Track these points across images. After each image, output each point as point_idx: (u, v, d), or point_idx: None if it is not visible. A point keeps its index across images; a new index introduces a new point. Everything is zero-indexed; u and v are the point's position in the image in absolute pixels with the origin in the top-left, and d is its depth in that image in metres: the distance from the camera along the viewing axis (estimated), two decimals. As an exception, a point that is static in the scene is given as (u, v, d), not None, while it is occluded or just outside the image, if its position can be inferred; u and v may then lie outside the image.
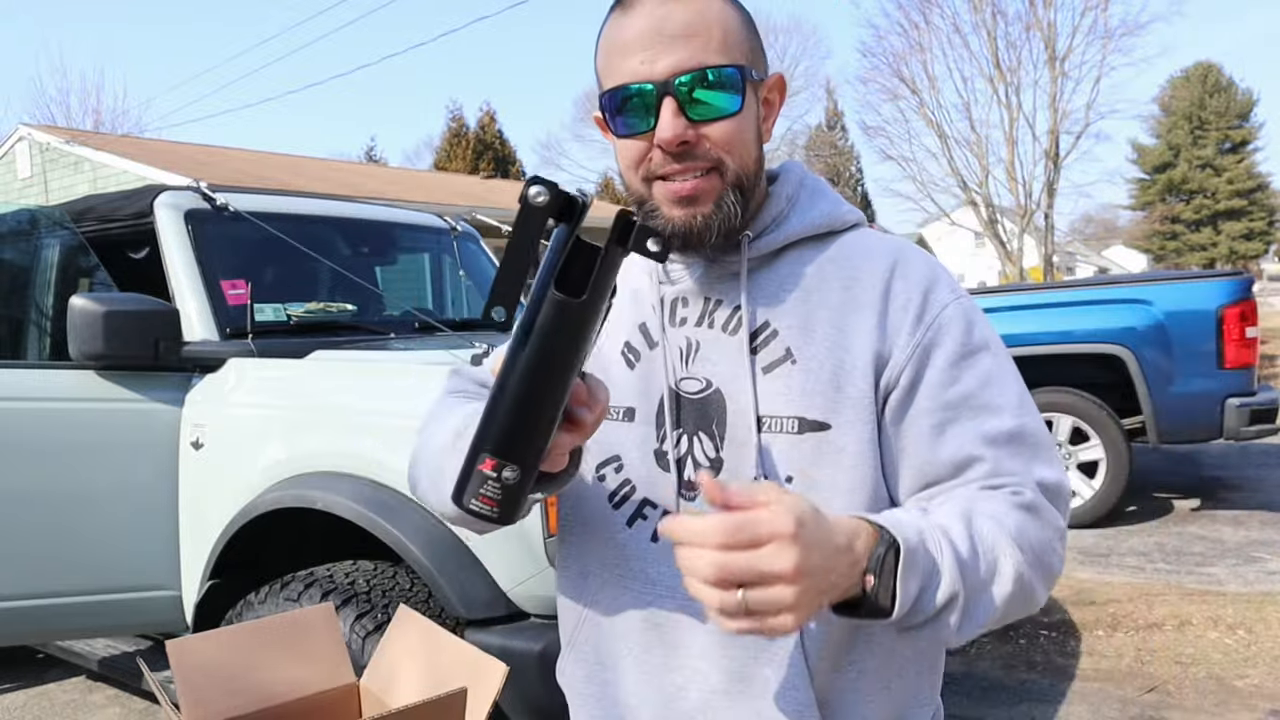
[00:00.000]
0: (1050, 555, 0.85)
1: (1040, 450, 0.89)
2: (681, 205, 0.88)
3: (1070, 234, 39.79)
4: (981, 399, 0.88)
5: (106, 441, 2.51)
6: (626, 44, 0.87)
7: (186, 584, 2.54)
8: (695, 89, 0.85)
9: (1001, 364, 0.90)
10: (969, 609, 0.78)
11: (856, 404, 0.88)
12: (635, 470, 0.95)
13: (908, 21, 22.37)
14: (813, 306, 0.91)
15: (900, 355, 0.88)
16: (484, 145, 31.50)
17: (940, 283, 0.92)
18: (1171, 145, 45.96)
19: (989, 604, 0.80)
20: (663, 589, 0.92)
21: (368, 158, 34.86)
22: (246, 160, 15.64)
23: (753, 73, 0.89)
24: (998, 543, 0.81)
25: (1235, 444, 7.19)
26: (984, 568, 0.79)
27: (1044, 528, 0.85)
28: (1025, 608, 0.85)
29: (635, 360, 0.97)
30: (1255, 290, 5.62)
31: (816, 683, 0.88)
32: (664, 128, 0.85)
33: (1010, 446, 0.87)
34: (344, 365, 2.43)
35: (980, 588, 0.79)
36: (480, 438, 0.70)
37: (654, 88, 0.85)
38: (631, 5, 0.88)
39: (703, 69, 0.85)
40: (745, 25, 0.90)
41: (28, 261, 3.18)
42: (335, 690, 1.24)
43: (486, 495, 0.71)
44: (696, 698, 0.91)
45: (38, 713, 3.34)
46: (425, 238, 3.66)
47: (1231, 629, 3.67)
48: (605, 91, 0.89)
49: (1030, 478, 0.87)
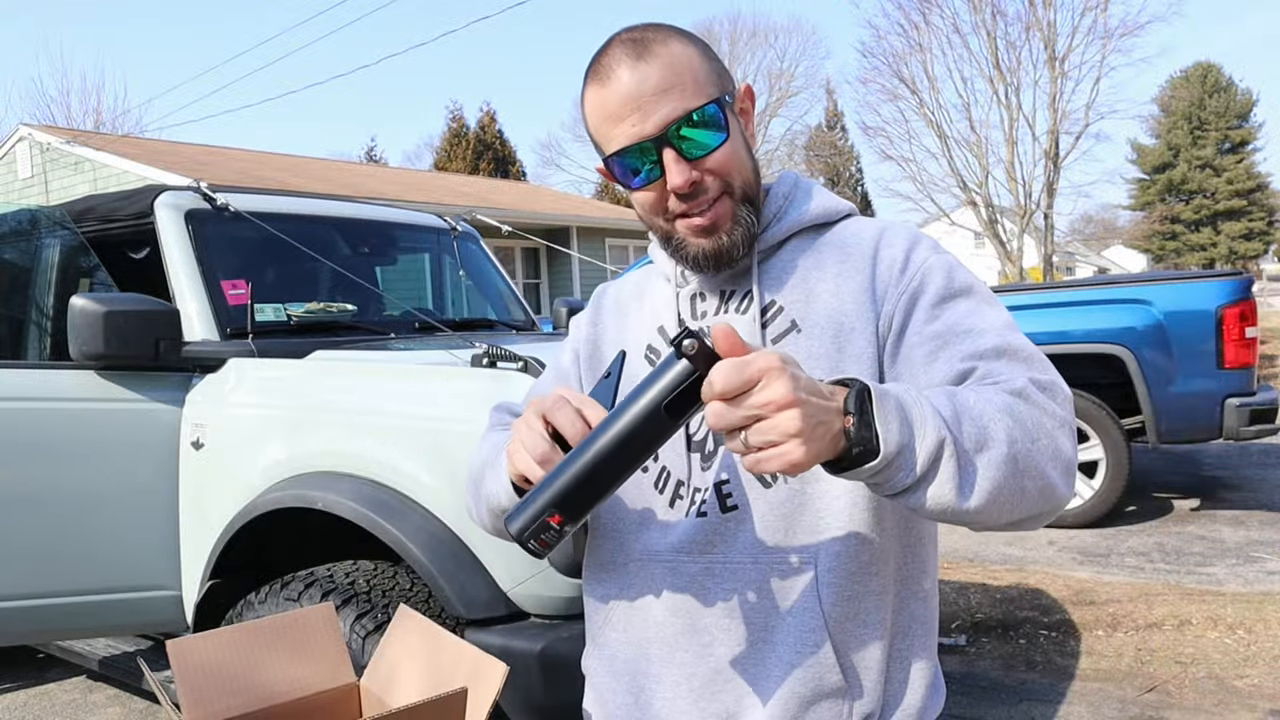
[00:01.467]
0: (1051, 437, 0.85)
1: (1032, 360, 0.92)
2: (704, 235, 1.00)
3: (1070, 234, 39.78)
4: (965, 325, 0.94)
5: (107, 441, 2.51)
6: (614, 112, 0.96)
7: (187, 584, 2.54)
8: (684, 128, 0.95)
9: (984, 301, 0.98)
10: (964, 467, 0.79)
11: (859, 359, 0.97)
12: (668, 457, 1.04)
13: (907, 22, 22.42)
14: (812, 283, 1.02)
15: (888, 306, 0.98)
16: (484, 145, 31.50)
17: (921, 243, 1.02)
18: (1171, 145, 45.98)
19: (984, 470, 0.80)
20: (684, 556, 1.00)
21: (368, 158, 34.85)
22: (247, 160, 15.65)
23: (726, 99, 1.00)
24: (984, 411, 0.82)
25: (1235, 444, 7.20)
26: (970, 428, 0.80)
27: (1038, 412, 0.85)
28: (1039, 489, 0.84)
29: (657, 359, 1.07)
30: (1255, 290, 5.63)
31: (832, 632, 0.96)
32: (674, 176, 0.96)
33: (1000, 359, 0.91)
34: (344, 365, 2.43)
35: (971, 447, 0.80)
36: (556, 497, 0.80)
37: (652, 144, 0.96)
38: (607, 77, 0.97)
39: (688, 113, 0.95)
40: (705, 56, 1.00)
41: (28, 261, 3.18)
42: (335, 690, 1.24)
43: (545, 540, 0.82)
44: (720, 654, 0.98)
45: (38, 712, 3.34)
46: (425, 238, 3.66)
47: (1231, 629, 3.68)
48: (609, 156, 0.99)
49: (1021, 377, 0.88)
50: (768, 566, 0.97)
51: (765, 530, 0.98)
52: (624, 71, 0.96)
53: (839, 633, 0.96)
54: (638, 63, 0.96)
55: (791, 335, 1.00)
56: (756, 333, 1.01)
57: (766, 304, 1.02)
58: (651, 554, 1.03)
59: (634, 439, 0.78)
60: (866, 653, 0.97)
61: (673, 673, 1.00)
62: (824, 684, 0.96)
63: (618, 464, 0.79)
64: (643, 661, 1.03)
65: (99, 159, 13.27)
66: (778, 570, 0.97)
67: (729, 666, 0.98)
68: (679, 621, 1.00)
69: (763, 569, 0.97)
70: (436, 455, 2.03)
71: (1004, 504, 0.82)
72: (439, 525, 1.98)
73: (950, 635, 3.80)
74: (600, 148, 1.01)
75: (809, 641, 0.96)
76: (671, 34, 0.99)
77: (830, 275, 1.01)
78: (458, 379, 2.13)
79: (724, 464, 1.00)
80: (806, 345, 0.98)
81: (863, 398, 0.77)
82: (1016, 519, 0.85)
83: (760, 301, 1.02)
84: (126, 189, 3.18)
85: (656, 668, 1.01)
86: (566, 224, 17.06)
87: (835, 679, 0.96)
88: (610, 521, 1.08)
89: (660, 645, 1.01)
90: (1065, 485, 0.86)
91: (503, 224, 4.07)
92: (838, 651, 0.96)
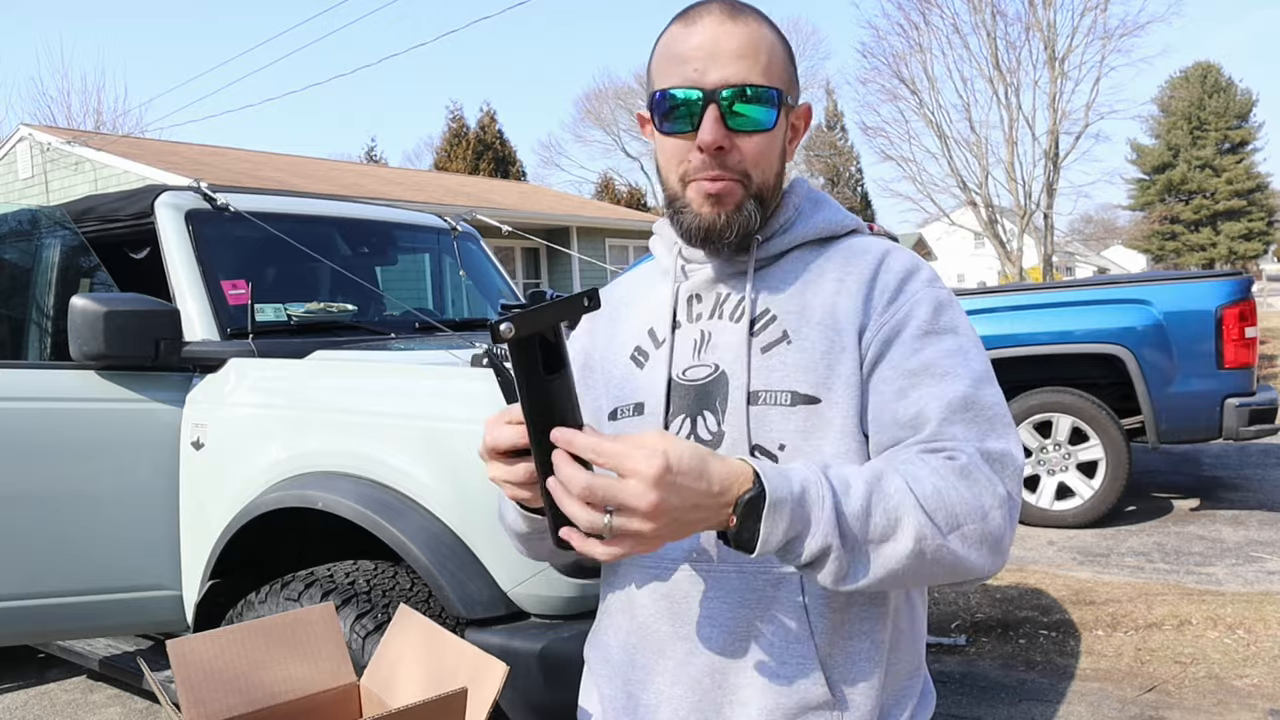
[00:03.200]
0: (982, 519, 0.87)
1: (995, 423, 0.92)
2: (710, 203, 0.99)
3: (1070, 234, 39.80)
4: (940, 367, 0.94)
5: (107, 441, 2.51)
6: (684, 53, 0.97)
7: (187, 584, 2.54)
8: (737, 102, 0.96)
9: (966, 346, 0.97)
10: (849, 564, 0.83)
11: (846, 381, 0.97)
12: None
13: (907, 22, 22.40)
14: (809, 296, 1.02)
15: (869, 334, 0.98)
16: (484, 145, 31.49)
17: (918, 274, 1.01)
18: (1171, 146, 45.96)
19: (879, 561, 0.84)
20: (669, 563, 1.00)
21: (368, 158, 34.82)
22: (247, 160, 15.64)
23: (788, 98, 1.01)
24: (902, 504, 0.84)
25: (1234, 444, 7.20)
26: (880, 520, 0.84)
27: (977, 491, 0.87)
28: (950, 573, 0.88)
29: (644, 360, 1.07)
30: (1254, 290, 5.62)
31: (819, 646, 0.95)
32: (705, 131, 0.95)
33: (962, 414, 0.92)
34: (345, 365, 2.43)
35: (866, 545, 0.84)
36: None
37: (701, 95, 0.95)
38: (695, 19, 0.98)
39: (746, 85, 0.96)
40: (788, 56, 1.02)
41: (29, 262, 3.18)
42: (335, 690, 1.25)
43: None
44: (703, 662, 0.98)
45: (38, 712, 3.34)
46: (425, 238, 3.66)
47: (1231, 629, 3.68)
48: (656, 90, 0.99)
49: (972, 445, 0.90)
50: (753, 576, 0.96)
51: None
52: (712, 22, 0.97)
53: (826, 646, 0.95)
54: (727, 20, 0.97)
55: (782, 346, 0.99)
56: (745, 340, 1.01)
57: (759, 312, 1.02)
58: (637, 556, 1.01)
59: (545, 406, 0.82)
60: (855, 666, 0.96)
61: (660, 675, 1.01)
62: (809, 698, 0.95)
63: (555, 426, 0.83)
64: (633, 663, 1.03)
65: (99, 159, 13.26)
66: (763, 580, 0.96)
67: (713, 674, 0.97)
68: (665, 627, 1.00)
69: (748, 578, 0.96)
70: (437, 455, 2.03)
71: (900, 583, 0.87)
72: (439, 525, 1.99)
73: (950, 635, 3.80)
74: (652, 84, 1.01)
75: (794, 654, 0.95)
76: (766, 20, 1.01)
77: (828, 291, 1.01)
78: (458, 379, 2.13)
79: None
80: (796, 358, 0.98)
81: (757, 500, 0.80)
82: (920, 587, 0.93)
83: (752, 310, 1.02)
84: (127, 189, 3.18)
85: (644, 671, 1.02)
86: (566, 224, 17.06)
87: (821, 693, 0.95)
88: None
89: (647, 651, 1.02)
90: (989, 562, 0.89)
91: (503, 224, 4.07)
92: (824, 665, 0.95)
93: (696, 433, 1.01)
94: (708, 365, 1.02)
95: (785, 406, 0.97)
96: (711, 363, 1.02)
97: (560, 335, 0.83)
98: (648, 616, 1.02)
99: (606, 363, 1.12)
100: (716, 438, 0.99)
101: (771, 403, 0.98)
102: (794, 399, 0.97)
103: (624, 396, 1.07)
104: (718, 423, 1.00)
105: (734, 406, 0.99)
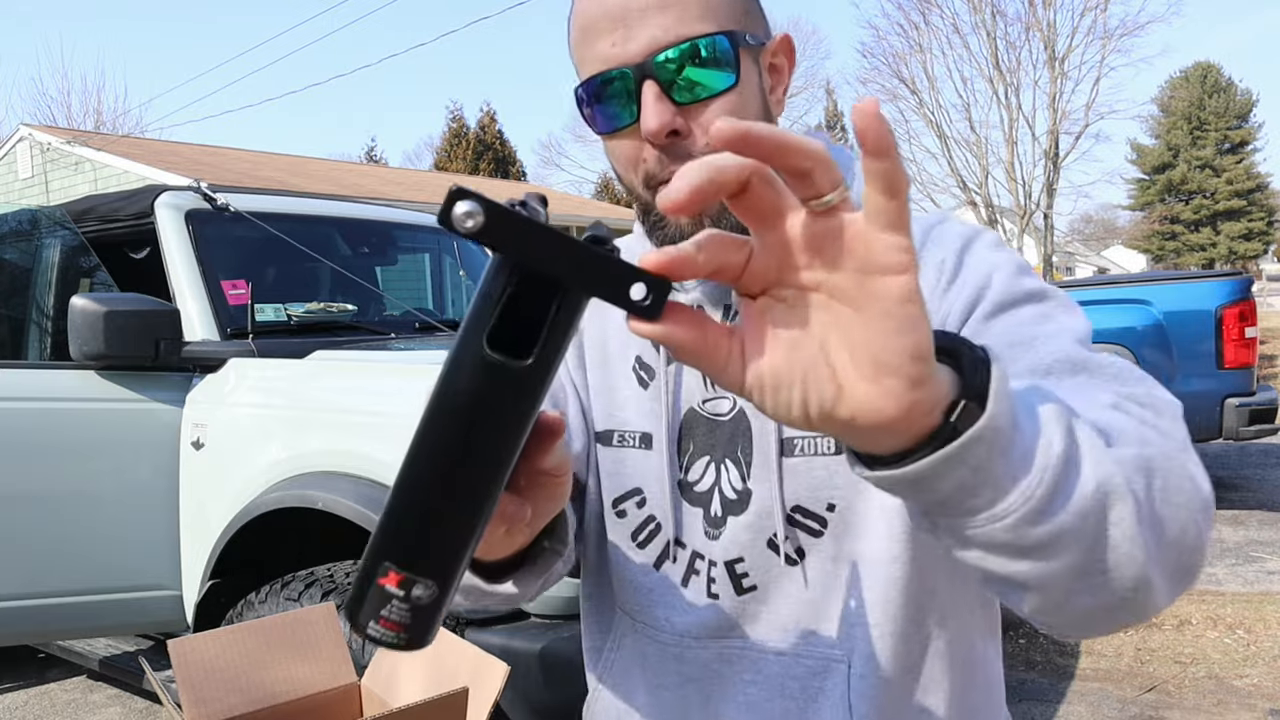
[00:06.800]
0: (1180, 469, 0.52)
1: (1123, 374, 0.61)
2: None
3: (1070, 234, 39.80)
4: (1030, 333, 0.66)
5: (107, 441, 2.51)
6: (593, 25, 0.73)
7: (187, 584, 2.54)
8: (678, 67, 0.71)
9: (1059, 306, 0.70)
10: (1061, 483, 0.46)
11: None
12: (658, 505, 0.82)
13: (907, 22, 22.42)
14: None
15: (937, 321, 0.71)
16: (484, 145, 31.49)
17: (980, 239, 0.76)
18: (1171, 146, 45.95)
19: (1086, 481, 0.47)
20: (691, 640, 0.81)
21: (368, 158, 34.85)
22: (247, 160, 15.64)
23: (747, 38, 0.74)
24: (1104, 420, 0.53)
25: (1235, 444, 7.19)
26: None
27: (1152, 432, 0.54)
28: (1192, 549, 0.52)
29: (649, 378, 0.84)
30: (1254, 290, 5.63)
31: None
32: (648, 117, 0.70)
33: (1075, 375, 0.62)
34: (345, 365, 2.43)
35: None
36: (379, 542, 0.44)
37: (631, 71, 0.71)
38: None
39: (683, 41, 0.70)
40: None
41: (28, 262, 3.18)
42: (336, 690, 1.25)
43: (389, 619, 0.46)
44: None
45: (38, 712, 3.34)
46: (425, 238, 3.66)
47: (1231, 628, 3.68)
48: (579, 85, 0.76)
49: (1109, 391, 0.58)
50: (793, 660, 0.77)
51: (791, 616, 0.78)
52: None
53: None
54: None
55: None
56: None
57: None
58: (645, 621, 0.84)
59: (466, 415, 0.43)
60: None
61: None
62: None
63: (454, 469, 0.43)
64: None
65: (99, 159, 13.26)
66: (803, 666, 0.77)
67: None
68: (697, 715, 0.82)
69: (787, 663, 0.77)
70: (437, 455, 2.03)
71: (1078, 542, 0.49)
72: (439, 525, 1.98)
73: (950, 635, 3.80)
74: (578, 75, 0.78)
75: None
76: None
77: None
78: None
79: (735, 537, 0.79)
80: None
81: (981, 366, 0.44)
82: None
83: None
84: (127, 189, 3.18)
85: None
86: (566, 224, 17.06)
87: None
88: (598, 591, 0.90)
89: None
90: (1208, 534, 0.53)
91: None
92: None
93: (720, 487, 0.80)
94: (728, 397, 0.79)
95: (829, 455, 0.75)
96: (732, 395, 0.76)
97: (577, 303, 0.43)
98: (672, 702, 0.83)
99: (595, 361, 0.88)
100: (742, 498, 0.79)
101: (810, 451, 0.76)
102: (839, 444, 0.74)
103: (624, 421, 0.85)
104: (743, 478, 0.78)
105: (761, 459, 0.77)
